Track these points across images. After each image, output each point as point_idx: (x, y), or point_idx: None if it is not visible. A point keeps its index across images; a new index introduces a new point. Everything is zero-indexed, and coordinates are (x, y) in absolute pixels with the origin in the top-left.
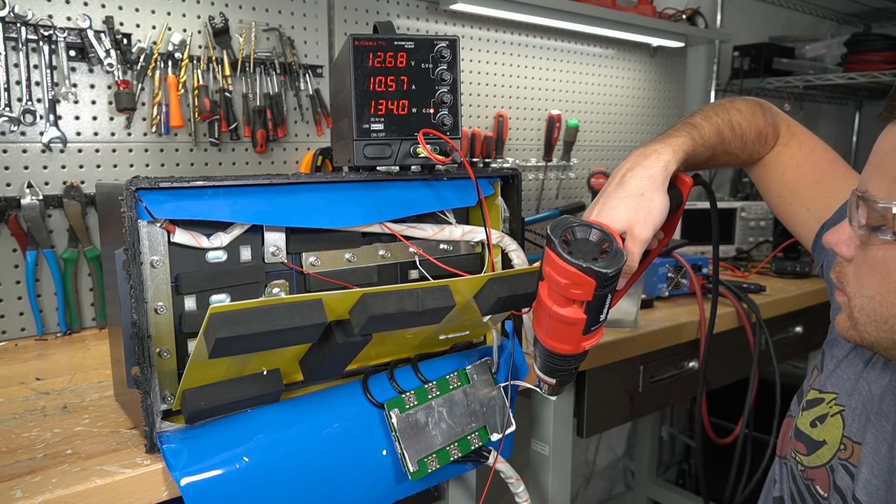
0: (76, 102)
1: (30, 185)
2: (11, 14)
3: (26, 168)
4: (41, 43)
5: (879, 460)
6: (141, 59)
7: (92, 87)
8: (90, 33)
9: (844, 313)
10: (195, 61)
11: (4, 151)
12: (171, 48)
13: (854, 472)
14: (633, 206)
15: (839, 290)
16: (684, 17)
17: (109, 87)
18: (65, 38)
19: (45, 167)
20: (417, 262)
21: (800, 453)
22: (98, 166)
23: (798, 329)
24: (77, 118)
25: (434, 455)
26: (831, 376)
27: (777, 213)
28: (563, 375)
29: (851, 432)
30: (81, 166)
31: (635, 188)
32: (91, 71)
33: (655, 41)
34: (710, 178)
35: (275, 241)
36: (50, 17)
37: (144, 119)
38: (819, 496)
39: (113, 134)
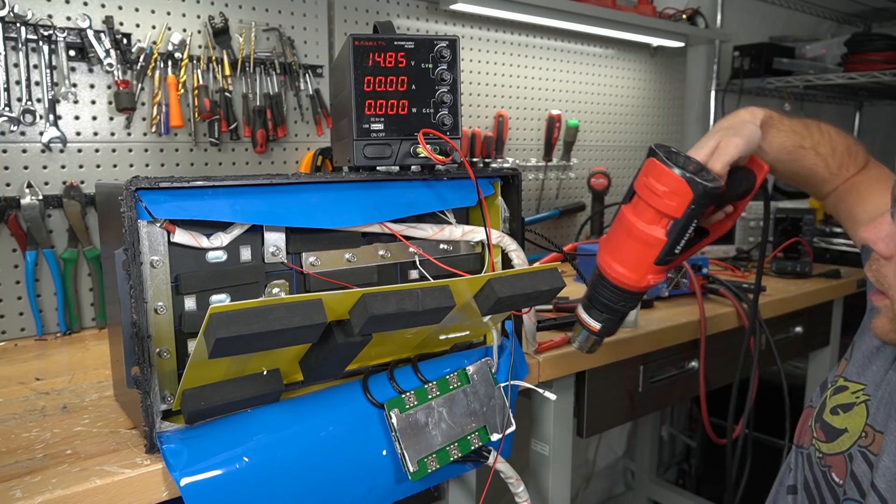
0: (76, 102)
1: (29, 185)
2: (11, 14)
3: (26, 168)
4: (41, 43)
5: None
6: (141, 59)
7: (92, 87)
8: (90, 33)
9: (885, 317)
10: (195, 61)
11: (4, 151)
12: (170, 48)
13: (873, 460)
14: (726, 131)
15: (879, 292)
16: (684, 17)
17: (109, 87)
18: (64, 37)
19: (44, 167)
20: (417, 262)
21: (819, 440)
22: (98, 166)
23: (798, 329)
24: (77, 118)
25: (434, 455)
26: (860, 367)
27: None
28: (610, 321)
29: (875, 421)
30: (81, 166)
31: (731, 123)
32: (91, 71)
33: (655, 41)
34: None
35: (275, 241)
36: (50, 16)
37: (144, 119)
38: (834, 483)
39: (113, 134)
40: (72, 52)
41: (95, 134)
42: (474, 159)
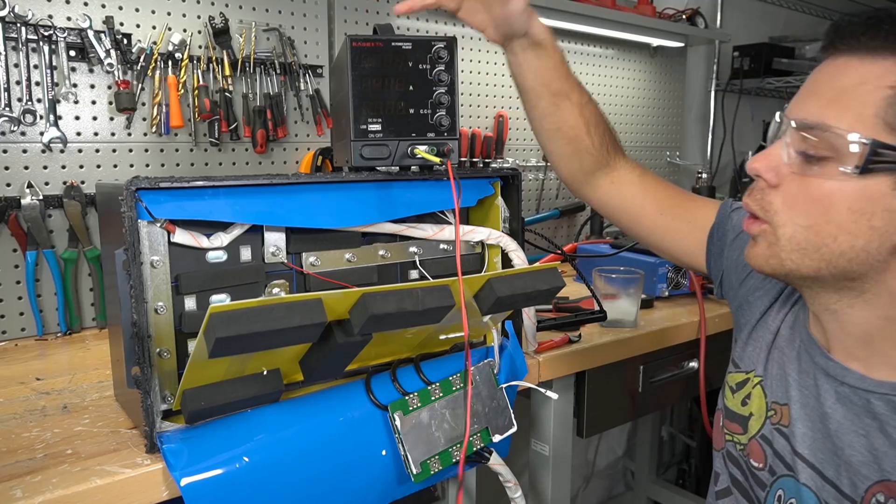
0: (76, 102)
1: (30, 185)
2: (11, 14)
3: (26, 168)
4: (41, 43)
5: (810, 412)
6: (141, 60)
7: (92, 87)
8: (90, 33)
9: (764, 242)
10: (195, 61)
11: (4, 151)
12: (171, 48)
13: (787, 431)
14: None
15: (757, 218)
16: (684, 17)
17: (109, 87)
18: (65, 38)
19: (45, 167)
20: (417, 262)
21: (736, 434)
22: (98, 166)
23: None
24: (77, 118)
25: (437, 457)
26: (743, 356)
27: (649, 237)
28: None
29: (776, 396)
30: (81, 166)
31: None
32: (91, 71)
33: (655, 41)
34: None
35: (275, 241)
36: (50, 17)
37: (144, 119)
38: (755, 469)
39: (113, 134)
40: (72, 53)
41: (96, 134)
42: (474, 159)
